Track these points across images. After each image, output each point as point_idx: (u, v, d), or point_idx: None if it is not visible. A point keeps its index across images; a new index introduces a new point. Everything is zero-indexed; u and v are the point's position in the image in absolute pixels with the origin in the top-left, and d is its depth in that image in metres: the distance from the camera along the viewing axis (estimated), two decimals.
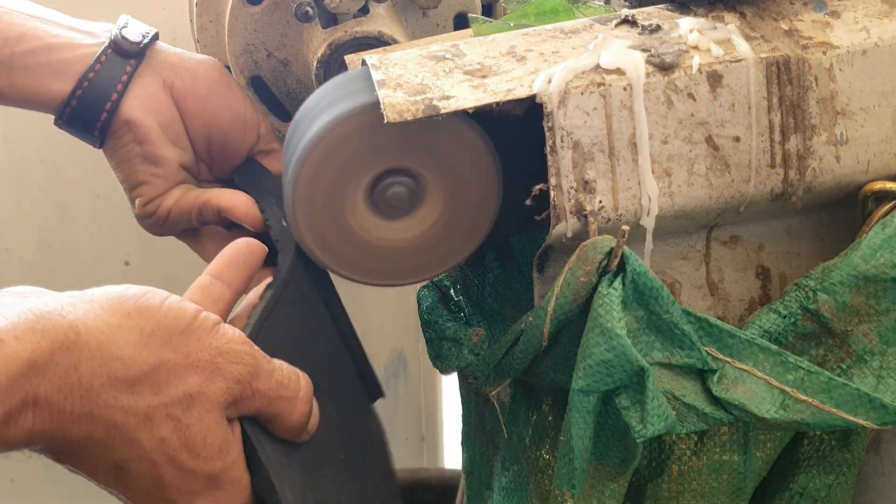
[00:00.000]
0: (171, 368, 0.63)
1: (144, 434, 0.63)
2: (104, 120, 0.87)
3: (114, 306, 0.62)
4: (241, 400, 0.66)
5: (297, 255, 0.76)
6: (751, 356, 0.67)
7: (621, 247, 0.64)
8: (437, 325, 0.80)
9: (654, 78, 0.67)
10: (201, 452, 0.64)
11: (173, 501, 0.65)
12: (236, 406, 0.66)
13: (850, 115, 0.69)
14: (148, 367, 0.62)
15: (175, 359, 0.63)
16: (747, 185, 0.69)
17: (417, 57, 0.71)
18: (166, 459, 0.64)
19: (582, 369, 0.64)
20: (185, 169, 0.90)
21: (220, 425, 0.65)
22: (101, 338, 0.60)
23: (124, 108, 0.87)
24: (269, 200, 0.86)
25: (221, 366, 0.65)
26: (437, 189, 0.71)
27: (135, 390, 0.62)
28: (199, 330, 0.65)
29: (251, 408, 0.67)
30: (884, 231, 0.67)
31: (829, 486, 0.74)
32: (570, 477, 0.66)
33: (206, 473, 0.65)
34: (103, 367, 0.60)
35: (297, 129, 0.72)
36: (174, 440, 0.63)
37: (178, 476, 0.64)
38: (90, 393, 0.60)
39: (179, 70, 0.89)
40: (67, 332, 0.59)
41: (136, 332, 0.62)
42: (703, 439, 0.72)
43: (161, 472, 0.64)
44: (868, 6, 0.71)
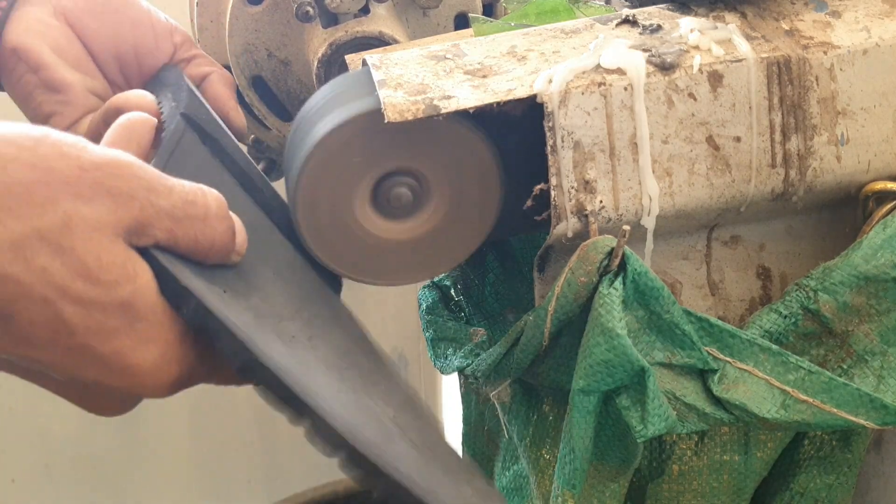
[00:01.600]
0: (30, 187, 0.53)
1: (18, 266, 0.53)
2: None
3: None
4: (144, 222, 0.57)
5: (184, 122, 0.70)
6: (751, 356, 0.67)
7: (622, 247, 0.64)
8: (438, 324, 0.80)
9: (655, 78, 0.67)
10: (100, 276, 0.55)
11: (89, 346, 0.56)
12: (142, 230, 0.57)
13: (850, 114, 0.69)
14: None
15: (33, 176, 0.54)
16: (748, 185, 0.69)
17: (418, 57, 0.71)
18: (58, 291, 0.54)
19: (583, 369, 0.64)
20: (97, 96, 0.82)
21: (116, 245, 0.55)
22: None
23: (8, 35, 0.79)
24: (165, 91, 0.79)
25: (101, 180, 0.55)
26: (440, 189, 0.71)
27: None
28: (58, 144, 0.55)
29: (161, 233, 0.57)
30: (884, 231, 0.67)
31: (829, 486, 0.74)
32: (570, 477, 0.66)
33: (116, 302, 0.55)
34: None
35: (299, 130, 0.72)
36: (59, 267, 0.54)
37: (83, 311, 0.55)
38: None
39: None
40: None
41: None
42: (704, 439, 0.72)
43: (59, 311, 0.54)
44: (869, 6, 0.71)
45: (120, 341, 0.56)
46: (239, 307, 0.61)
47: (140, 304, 0.56)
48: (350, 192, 0.70)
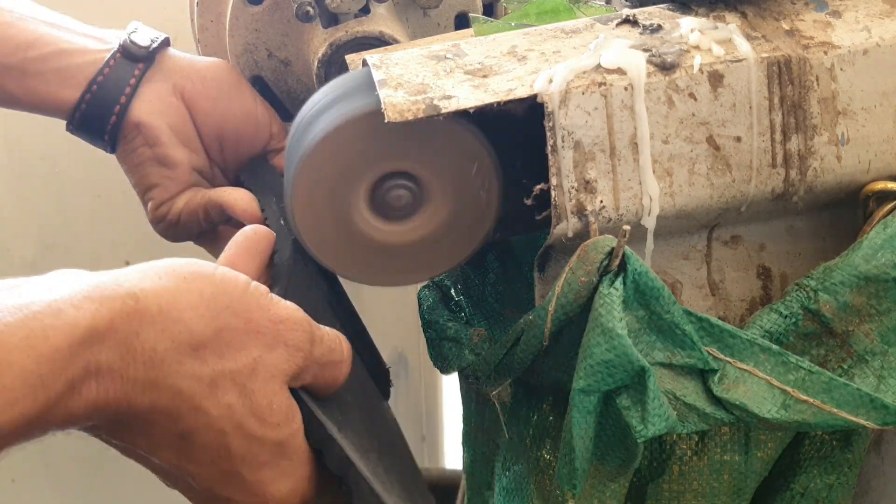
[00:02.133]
0: (233, 333, 0.61)
1: (210, 401, 0.60)
2: (113, 123, 0.87)
3: (168, 272, 0.60)
4: (302, 369, 0.64)
5: (295, 250, 0.76)
6: (752, 356, 0.67)
7: (622, 247, 0.64)
8: (438, 325, 0.80)
9: (656, 78, 0.67)
10: (268, 419, 0.62)
11: (239, 474, 0.63)
12: (298, 376, 0.64)
13: (851, 114, 0.69)
14: (211, 332, 0.60)
15: (237, 324, 0.61)
16: (748, 185, 0.69)
17: (418, 57, 0.71)
18: (233, 427, 0.61)
19: (583, 369, 0.64)
20: (198, 172, 0.91)
21: (284, 392, 0.63)
22: (160, 302, 0.58)
23: (133, 111, 0.87)
24: (269, 198, 0.86)
25: (282, 333, 0.63)
26: (439, 190, 0.71)
27: (199, 355, 0.60)
28: (256, 296, 0.63)
29: (309, 377, 0.65)
30: (885, 231, 0.67)
31: (830, 486, 0.74)
32: (570, 477, 0.66)
33: (273, 441, 0.63)
34: (165, 331, 0.58)
35: (299, 130, 0.72)
36: (240, 407, 0.61)
37: (246, 445, 0.62)
38: (154, 359, 0.58)
39: (189, 73, 0.90)
40: (125, 300, 0.57)
41: (195, 294, 0.60)
42: (704, 439, 0.72)
43: (228, 441, 0.61)
44: (869, 6, 0.71)
45: (265, 473, 0.63)
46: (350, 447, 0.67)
47: (291, 445, 0.64)
48: (349, 192, 0.70)
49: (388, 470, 0.70)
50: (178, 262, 0.61)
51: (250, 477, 0.63)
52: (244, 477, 0.63)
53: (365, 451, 0.68)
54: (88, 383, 0.56)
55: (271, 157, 0.92)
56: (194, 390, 0.60)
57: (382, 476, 0.68)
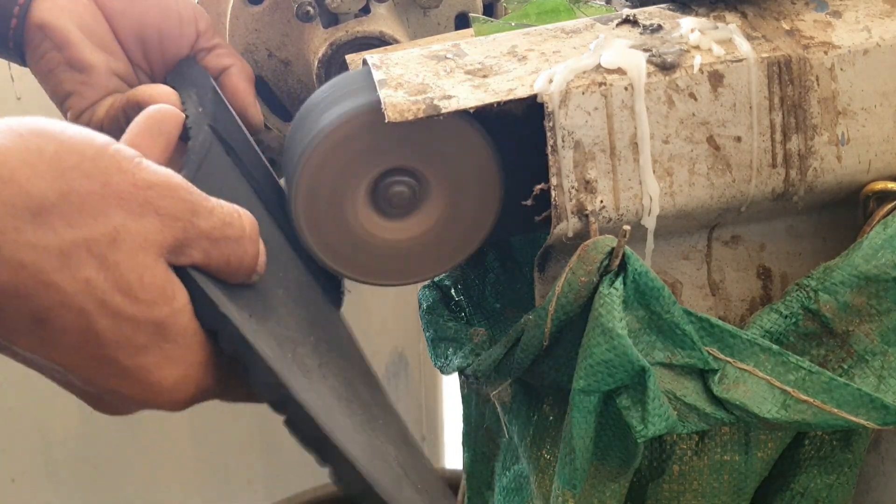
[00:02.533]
0: (85, 197, 0.54)
1: (63, 275, 0.53)
2: (15, 27, 0.79)
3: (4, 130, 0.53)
4: (185, 242, 0.57)
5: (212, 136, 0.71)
6: (752, 356, 0.67)
7: (622, 247, 0.64)
8: (438, 324, 0.80)
9: (656, 77, 0.67)
10: (140, 295, 0.55)
11: (115, 360, 0.56)
12: (181, 250, 0.58)
13: (851, 114, 0.69)
14: (54, 195, 0.53)
15: (90, 187, 0.54)
16: (748, 185, 0.69)
17: (418, 56, 0.71)
18: (97, 304, 0.54)
19: (583, 369, 0.64)
20: (118, 76, 0.82)
21: (159, 265, 0.56)
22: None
23: (35, 11, 0.79)
24: (189, 90, 0.79)
25: (152, 199, 0.55)
26: (439, 189, 0.71)
27: (42, 221, 0.52)
28: (118, 158, 0.55)
29: (198, 253, 0.58)
30: (885, 231, 0.67)
31: (830, 486, 0.74)
32: (571, 477, 0.66)
33: (151, 321, 0.56)
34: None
35: (298, 129, 0.72)
36: (102, 281, 0.54)
37: (116, 325, 0.55)
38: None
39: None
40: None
41: (34, 153, 0.53)
42: (704, 439, 0.72)
43: (94, 322, 0.54)
44: (869, 6, 0.71)
45: (146, 358, 0.57)
46: (263, 333, 0.61)
47: (173, 326, 0.57)
48: (349, 190, 0.70)
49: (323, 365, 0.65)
50: (18, 120, 0.54)
51: (129, 363, 0.56)
52: (122, 363, 0.56)
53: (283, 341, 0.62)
54: None
55: (200, 58, 0.86)
56: (41, 262, 0.53)
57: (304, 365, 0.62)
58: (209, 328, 0.58)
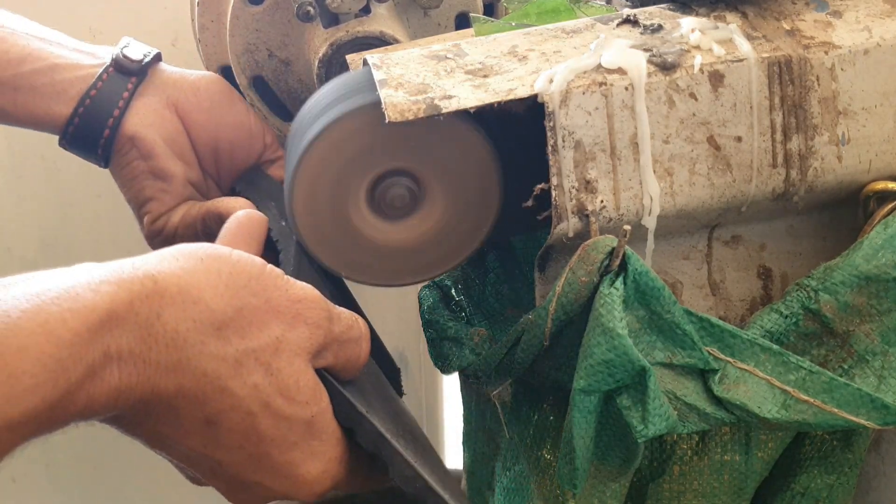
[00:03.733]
0: (254, 312, 0.60)
1: (236, 381, 0.59)
2: (107, 137, 0.87)
3: (185, 255, 0.60)
4: (324, 346, 0.64)
5: (298, 251, 0.76)
6: (752, 356, 0.67)
7: (623, 246, 0.64)
8: (439, 324, 0.80)
9: (656, 77, 0.67)
10: (296, 397, 0.61)
11: (269, 455, 0.62)
12: (320, 354, 0.64)
13: (851, 114, 0.69)
14: (232, 311, 0.59)
15: (256, 303, 0.61)
16: (749, 185, 0.69)
17: (419, 56, 0.71)
18: (261, 406, 0.60)
19: (583, 369, 0.64)
20: (193, 185, 0.91)
21: (309, 370, 0.63)
22: (180, 283, 0.58)
23: (127, 124, 0.87)
24: (268, 203, 0.86)
25: (301, 311, 0.62)
26: (438, 189, 0.71)
27: (221, 335, 0.59)
28: (273, 276, 0.62)
29: (331, 355, 0.65)
30: (885, 231, 0.67)
31: (830, 486, 0.74)
32: (571, 477, 0.66)
33: (302, 420, 0.62)
34: (186, 312, 0.58)
35: (299, 129, 0.72)
36: (267, 385, 0.60)
37: (275, 425, 0.61)
38: (176, 340, 0.57)
39: (182, 86, 0.90)
40: (144, 281, 0.56)
41: (213, 274, 0.59)
42: (705, 439, 0.72)
43: (256, 422, 0.61)
44: (870, 6, 0.71)
45: (294, 454, 0.63)
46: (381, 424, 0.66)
47: (319, 424, 0.63)
48: (348, 192, 0.70)
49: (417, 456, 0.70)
50: (194, 246, 0.61)
51: (280, 458, 0.62)
52: (274, 459, 0.62)
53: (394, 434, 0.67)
54: (110, 368, 0.55)
55: (267, 167, 0.93)
56: (219, 371, 0.59)
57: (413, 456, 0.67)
58: (347, 426, 0.64)
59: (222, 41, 0.95)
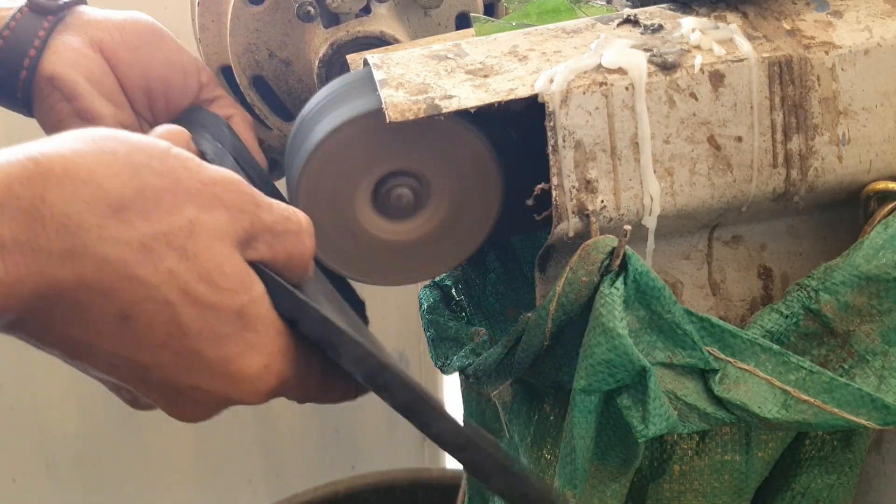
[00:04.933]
0: (159, 193, 0.55)
1: (146, 268, 0.54)
2: (24, 79, 0.81)
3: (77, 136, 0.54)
4: (252, 235, 0.58)
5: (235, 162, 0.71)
6: (753, 356, 0.67)
7: (623, 246, 0.64)
8: (439, 324, 0.80)
9: (657, 77, 0.67)
10: (220, 283, 0.56)
11: (198, 352, 0.56)
12: (249, 244, 0.59)
13: (852, 114, 0.69)
14: (131, 192, 0.54)
15: (161, 183, 0.55)
16: (749, 185, 0.69)
17: (419, 56, 0.71)
18: (181, 295, 0.55)
19: (584, 369, 0.64)
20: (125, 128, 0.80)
21: (235, 256, 0.57)
22: (65, 163, 0.52)
23: (45, 63, 0.80)
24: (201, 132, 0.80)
25: (218, 194, 0.57)
26: (441, 190, 0.71)
27: (121, 217, 0.53)
28: (182, 158, 0.57)
29: (264, 247, 0.59)
30: (886, 231, 0.67)
31: (830, 486, 0.74)
32: (571, 477, 0.66)
33: (232, 309, 0.57)
34: (76, 193, 0.52)
35: (300, 130, 0.72)
36: (184, 271, 0.55)
37: (200, 315, 0.56)
38: (67, 225, 0.52)
39: (106, 25, 0.84)
40: (24, 163, 0.51)
41: (108, 154, 0.54)
42: (705, 439, 0.72)
43: (179, 313, 0.55)
44: (870, 6, 0.71)
45: (229, 348, 0.57)
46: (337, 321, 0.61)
47: (253, 314, 0.57)
48: (351, 192, 0.70)
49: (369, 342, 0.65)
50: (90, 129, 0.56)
51: (213, 354, 0.57)
52: (206, 355, 0.57)
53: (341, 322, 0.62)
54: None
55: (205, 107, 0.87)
56: (124, 256, 0.53)
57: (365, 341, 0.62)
58: (288, 317, 0.59)
59: (223, 41, 0.95)
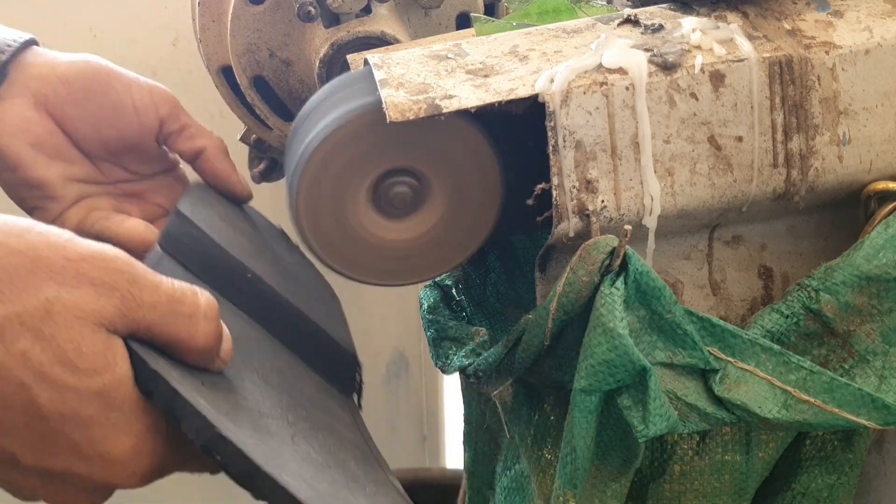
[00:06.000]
0: (13, 273, 0.54)
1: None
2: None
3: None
4: (125, 313, 0.56)
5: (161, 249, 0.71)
6: (753, 356, 0.67)
7: (623, 246, 0.64)
8: (439, 324, 0.80)
9: (657, 77, 0.67)
10: (79, 364, 0.54)
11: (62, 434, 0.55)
12: (121, 320, 0.56)
13: (852, 114, 0.69)
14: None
15: (18, 261, 0.54)
16: (750, 185, 0.69)
17: (420, 56, 0.71)
18: (35, 377, 0.54)
19: (584, 369, 0.64)
20: (84, 182, 0.84)
21: (97, 335, 0.55)
22: None
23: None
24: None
25: (85, 271, 0.55)
26: (440, 189, 0.71)
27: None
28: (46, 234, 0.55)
29: (141, 324, 0.57)
30: (886, 231, 0.67)
31: (831, 486, 0.74)
32: (572, 477, 0.66)
33: (93, 391, 0.55)
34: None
35: (300, 129, 0.72)
36: (38, 353, 0.54)
37: (59, 397, 0.54)
38: None
39: (50, 80, 0.82)
40: None
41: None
42: (706, 439, 0.72)
43: (35, 396, 0.54)
44: (871, 6, 0.71)
45: (94, 430, 0.56)
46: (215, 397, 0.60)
47: (115, 394, 0.56)
48: (351, 191, 0.70)
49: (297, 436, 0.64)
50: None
51: (77, 436, 0.55)
52: (71, 437, 0.55)
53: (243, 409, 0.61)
54: None
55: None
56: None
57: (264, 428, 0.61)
58: (144, 389, 0.57)
59: (223, 41, 0.95)
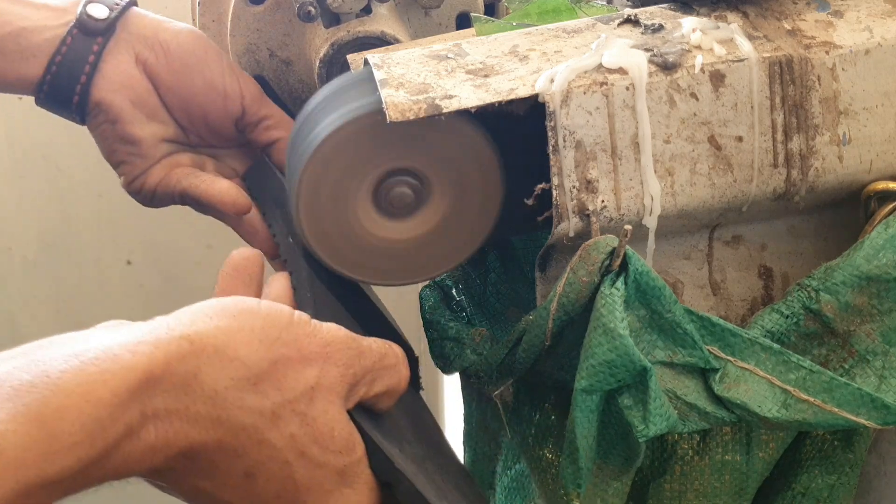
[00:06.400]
0: (288, 363, 0.61)
1: (274, 433, 0.61)
2: (77, 102, 0.86)
3: (218, 312, 0.61)
4: (355, 385, 0.64)
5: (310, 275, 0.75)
6: (753, 355, 0.67)
7: (623, 246, 0.64)
8: (440, 324, 0.80)
9: (657, 77, 0.67)
10: (330, 446, 0.63)
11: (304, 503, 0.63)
12: (353, 392, 0.65)
13: (852, 114, 0.69)
14: (267, 364, 0.61)
15: (289, 353, 0.62)
16: (750, 185, 0.69)
17: (420, 56, 0.71)
18: (297, 456, 0.62)
19: (585, 369, 0.64)
20: (171, 141, 0.89)
21: (343, 416, 0.64)
22: (215, 342, 0.59)
23: (94, 89, 0.86)
24: (274, 211, 0.84)
25: (331, 354, 0.63)
26: (441, 189, 0.71)
27: (258, 389, 0.60)
28: (301, 324, 0.63)
29: (364, 389, 0.65)
30: (886, 231, 0.67)
31: (831, 485, 0.74)
32: (575, 476, 0.66)
33: (336, 469, 0.63)
34: (223, 370, 0.59)
35: (301, 130, 0.72)
36: (303, 435, 0.62)
37: (310, 474, 0.62)
38: (214, 399, 0.59)
39: (152, 44, 0.87)
40: (180, 343, 0.58)
41: (247, 331, 0.61)
42: (706, 439, 0.72)
43: (293, 471, 0.62)
44: (871, 6, 0.71)
45: (328, 501, 0.63)
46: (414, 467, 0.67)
47: (353, 473, 0.64)
48: (352, 191, 0.70)
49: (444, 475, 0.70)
50: (225, 302, 0.62)
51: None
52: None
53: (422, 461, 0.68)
54: (146, 427, 0.56)
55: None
56: (258, 424, 0.60)
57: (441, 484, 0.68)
58: (384, 480, 0.65)
59: (223, 41, 0.95)
